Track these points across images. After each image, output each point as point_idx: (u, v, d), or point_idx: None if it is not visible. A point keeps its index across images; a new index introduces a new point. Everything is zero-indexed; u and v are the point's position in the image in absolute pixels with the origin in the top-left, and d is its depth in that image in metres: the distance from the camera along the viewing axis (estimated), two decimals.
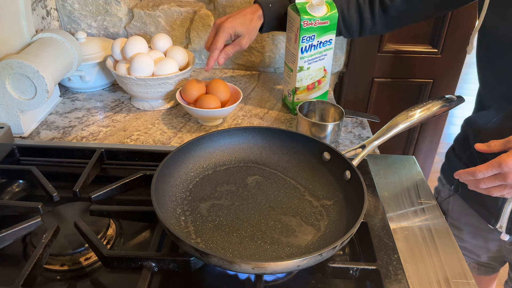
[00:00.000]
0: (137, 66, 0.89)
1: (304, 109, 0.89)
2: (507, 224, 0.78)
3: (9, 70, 0.78)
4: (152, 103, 0.97)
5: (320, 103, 0.90)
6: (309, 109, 0.90)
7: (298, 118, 0.86)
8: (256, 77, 1.14)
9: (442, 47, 1.17)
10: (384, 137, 0.68)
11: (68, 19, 1.10)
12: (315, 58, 0.89)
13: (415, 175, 0.77)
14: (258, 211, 0.62)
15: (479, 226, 0.85)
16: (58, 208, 0.63)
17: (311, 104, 0.89)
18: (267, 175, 0.69)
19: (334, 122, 0.83)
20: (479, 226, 0.85)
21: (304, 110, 0.89)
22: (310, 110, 0.90)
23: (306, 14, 0.83)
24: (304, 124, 0.84)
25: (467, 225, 0.88)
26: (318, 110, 0.90)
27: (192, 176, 0.67)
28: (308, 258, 0.48)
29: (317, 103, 0.90)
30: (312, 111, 0.90)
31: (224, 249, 0.56)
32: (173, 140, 0.86)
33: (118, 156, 0.74)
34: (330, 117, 0.90)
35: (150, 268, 0.53)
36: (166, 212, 0.59)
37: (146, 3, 1.12)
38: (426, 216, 0.68)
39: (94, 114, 0.95)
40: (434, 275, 0.57)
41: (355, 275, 0.54)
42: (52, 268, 0.57)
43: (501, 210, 0.77)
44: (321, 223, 0.60)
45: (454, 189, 0.90)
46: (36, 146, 0.75)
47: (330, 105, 0.89)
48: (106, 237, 0.61)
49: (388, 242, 0.59)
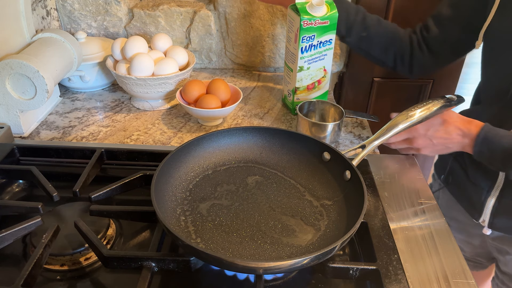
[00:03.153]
0: (137, 66, 0.89)
1: (304, 109, 0.89)
2: (489, 219, 0.80)
3: (9, 70, 0.78)
4: (152, 103, 0.97)
5: (320, 103, 0.90)
6: (309, 109, 0.90)
7: (298, 118, 0.86)
8: (256, 77, 1.14)
9: None
10: (384, 137, 0.68)
11: (68, 19, 1.10)
12: (315, 58, 0.89)
13: (415, 175, 0.77)
14: (258, 211, 0.62)
15: (464, 221, 0.88)
16: (58, 208, 0.63)
17: (311, 104, 0.89)
18: (267, 175, 0.69)
19: (334, 122, 0.83)
20: (465, 220, 0.87)
21: (304, 110, 0.89)
22: (310, 110, 0.90)
23: (306, 14, 0.83)
24: (304, 124, 0.84)
25: (453, 219, 0.91)
26: (318, 110, 0.90)
27: (192, 176, 0.67)
28: (308, 258, 0.48)
29: (317, 103, 0.90)
30: (312, 111, 0.90)
31: (224, 249, 0.56)
32: (173, 140, 0.86)
33: (118, 156, 0.74)
34: (330, 117, 0.90)
35: (150, 268, 0.53)
36: (166, 212, 0.59)
37: (146, 3, 1.12)
38: (426, 216, 0.68)
39: (94, 114, 0.95)
40: (434, 275, 0.57)
41: (355, 275, 0.54)
42: (52, 268, 0.57)
43: (484, 204, 0.79)
44: (321, 223, 0.60)
45: (443, 180, 0.91)
46: (36, 146, 0.75)
47: (330, 105, 0.89)
48: (106, 237, 0.61)
49: (388, 242, 0.59)
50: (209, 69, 1.18)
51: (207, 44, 1.14)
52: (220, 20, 1.11)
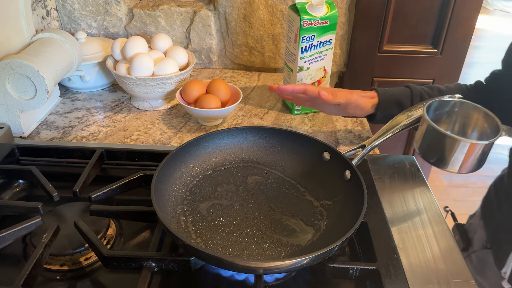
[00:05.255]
0: (137, 66, 0.89)
1: (434, 110, 0.62)
2: (510, 272, 0.74)
3: (9, 70, 0.78)
4: (152, 103, 0.97)
5: (463, 107, 0.62)
6: (443, 112, 0.63)
7: (423, 123, 0.60)
8: (256, 77, 1.14)
9: (442, 47, 1.17)
10: (384, 137, 0.68)
11: (68, 19, 1.10)
12: (315, 58, 0.89)
13: (415, 175, 0.77)
14: (258, 211, 0.62)
15: (490, 266, 0.80)
16: (58, 208, 0.63)
17: (448, 105, 0.62)
18: (267, 175, 0.69)
19: (482, 142, 0.56)
20: (490, 266, 0.80)
21: (432, 112, 0.62)
22: (443, 114, 0.63)
23: (306, 14, 0.83)
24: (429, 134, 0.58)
25: (478, 258, 0.83)
26: (458, 116, 0.63)
27: (192, 176, 0.67)
28: (308, 258, 0.48)
29: (459, 106, 0.62)
30: (447, 117, 0.64)
31: (224, 249, 0.56)
32: (173, 140, 0.86)
33: (118, 156, 0.74)
34: (473, 129, 0.63)
35: (150, 268, 0.53)
36: (166, 212, 0.59)
37: (146, 3, 1.12)
38: (426, 216, 0.67)
39: (94, 114, 0.95)
40: (434, 275, 0.57)
41: (355, 275, 0.54)
42: (52, 268, 0.57)
43: (509, 254, 0.73)
44: (321, 223, 0.60)
45: (482, 217, 0.84)
46: (36, 146, 0.75)
47: (478, 112, 0.61)
48: (106, 237, 0.61)
49: (388, 242, 0.59)
50: (209, 69, 1.18)
51: (207, 44, 1.14)
52: (220, 20, 1.11)
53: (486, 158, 0.56)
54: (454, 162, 0.56)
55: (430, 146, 0.59)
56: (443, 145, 0.56)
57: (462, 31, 1.15)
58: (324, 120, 0.94)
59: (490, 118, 0.58)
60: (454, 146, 0.55)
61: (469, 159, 0.55)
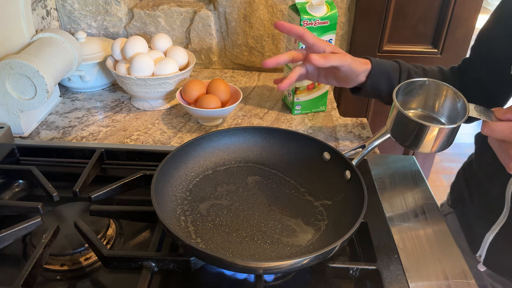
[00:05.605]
0: (137, 66, 0.89)
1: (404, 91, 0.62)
2: (485, 255, 0.75)
3: (9, 70, 0.78)
4: (152, 103, 0.97)
5: (434, 86, 0.62)
6: (413, 92, 0.63)
7: (392, 108, 0.61)
8: (256, 77, 1.14)
9: (442, 47, 1.17)
10: (384, 137, 0.68)
11: (68, 19, 1.10)
12: None
13: (415, 175, 0.77)
14: (258, 211, 0.62)
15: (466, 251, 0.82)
16: (58, 208, 0.63)
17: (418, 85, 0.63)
18: (267, 175, 0.69)
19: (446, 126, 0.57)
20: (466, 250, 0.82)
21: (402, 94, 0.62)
22: (414, 94, 0.63)
23: (306, 14, 0.83)
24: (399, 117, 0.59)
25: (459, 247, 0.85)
26: (428, 95, 0.63)
27: (192, 176, 0.67)
28: (308, 258, 0.48)
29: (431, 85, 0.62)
30: (417, 96, 0.64)
31: (224, 249, 0.56)
32: (173, 140, 0.86)
33: (118, 156, 0.74)
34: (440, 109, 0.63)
35: (150, 268, 0.53)
36: (166, 212, 0.59)
37: (146, 3, 1.12)
38: (426, 216, 0.68)
39: (94, 114, 0.95)
40: (434, 275, 0.57)
41: (355, 275, 0.54)
42: (52, 268, 0.57)
43: (483, 238, 0.74)
44: (321, 223, 0.60)
45: (451, 204, 0.87)
46: (36, 146, 0.75)
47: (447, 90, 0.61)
48: (106, 237, 0.61)
49: (388, 242, 0.59)
50: (209, 69, 1.18)
51: (207, 44, 1.14)
52: (220, 20, 1.11)
53: (455, 137, 0.59)
54: (425, 145, 0.59)
55: (401, 130, 0.61)
56: (413, 130, 0.59)
57: (462, 31, 1.15)
58: (324, 120, 0.94)
59: (458, 95, 0.60)
60: (424, 131, 0.57)
61: (439, 140, 0.58)
